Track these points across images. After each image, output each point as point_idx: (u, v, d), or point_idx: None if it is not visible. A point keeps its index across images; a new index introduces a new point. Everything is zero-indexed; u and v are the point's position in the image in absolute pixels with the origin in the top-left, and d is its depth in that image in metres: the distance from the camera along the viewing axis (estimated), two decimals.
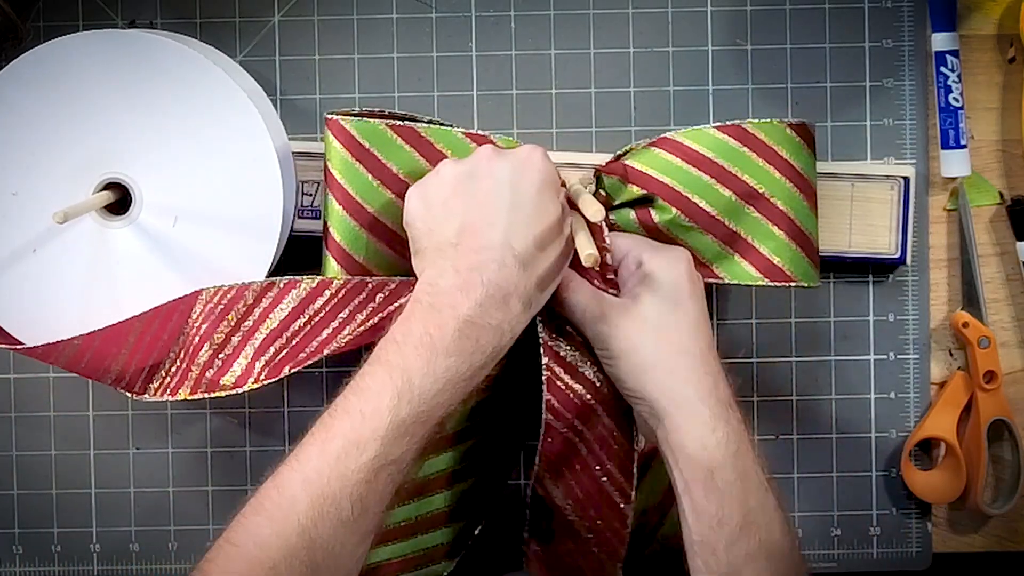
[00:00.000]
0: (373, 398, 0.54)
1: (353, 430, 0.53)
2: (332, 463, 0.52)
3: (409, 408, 0.53)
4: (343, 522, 0.52)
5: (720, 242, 0.65)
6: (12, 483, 0.74)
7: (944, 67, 0.72)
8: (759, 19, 0.73)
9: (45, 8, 0.72)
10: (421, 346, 0.55)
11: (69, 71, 0.64)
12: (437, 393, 0.54)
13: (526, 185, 0.59)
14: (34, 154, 0.64)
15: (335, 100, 0.72)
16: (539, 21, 0.73)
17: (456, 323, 0.55)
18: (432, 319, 0.55)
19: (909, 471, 0.73)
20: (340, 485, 0.52)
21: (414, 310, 0.57)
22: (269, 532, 0.51)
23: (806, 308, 0.73)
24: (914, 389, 0.74)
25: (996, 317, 0.74)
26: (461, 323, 0.55)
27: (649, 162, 0.65)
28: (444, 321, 0.55)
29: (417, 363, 0.54)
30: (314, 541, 0.51)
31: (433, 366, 0.54)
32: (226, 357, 0.64)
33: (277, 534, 0.51)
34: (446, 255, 0.58)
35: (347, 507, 0.52)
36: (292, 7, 0.73)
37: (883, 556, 0.74)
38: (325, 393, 0.74)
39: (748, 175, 0.64)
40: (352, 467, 0.52)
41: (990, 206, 0.74)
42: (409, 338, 0.55)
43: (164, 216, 0.64)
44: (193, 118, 0.64)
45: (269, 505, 0.52)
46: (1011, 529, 0.75)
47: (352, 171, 0.64)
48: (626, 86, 0.73)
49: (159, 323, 0.64)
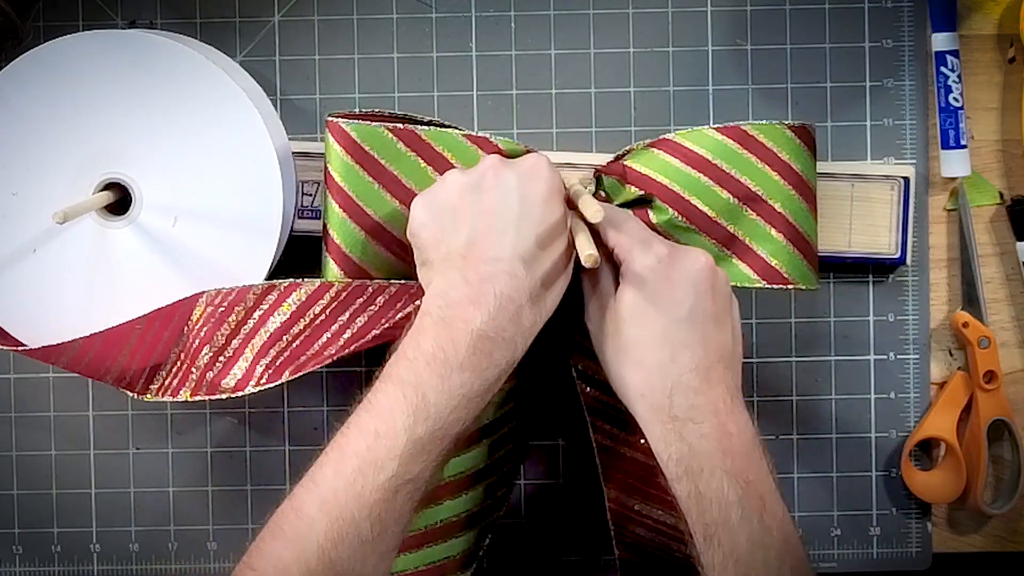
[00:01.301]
0: (387, 416, 0.53)
1: (369, 450, 0.53)
2: (349, 484, 0.52)
3: (425, 426, 0.53)
4: (363, 543, 0.51)
5: (718, 244, 0.65)
6: (12, 483, 0.74)
7: (944, 67, 0.72)
8: (759, 19, 0.73)
9: (45, 8, 0.72)
10: (434, 362, 0.54)
11: (69, 71, 0.64)
12: (453, 409, 0.54)
13: (533, 195, 0.58)
14: (34, 154, 0.64)
15: (335, 100, 0.72)
16: (539, 21, 0.73)
17: (470, 338, 0.55)
18: (444, 334, 0.55)
19: (909, 471, 0.73)
20: (358, 506, 0.52)
21: (424, 324, 0.56)
22: (289, 556, 0.51)
23: (806, 308, 0.73)
24: (914, 389, 0.74)
25: (996, 317, 0.74)
26: (475, 338, 0.55)
27: (648, 163, 0.65)
28: (457, 336, 0.55)
29: (431, 379, 0.54)
30: (334, 563, 0.51)
31: (448, 382, 0.54)
32: (227, 360, 0.64)
33: (297, 558, 0.51)
34: (455, 266, 0.57)
35: (366, 527, 0.52)
36: (292, 7, 0.73)
37: (883, 556, 0.74)
38: (325, 393, 0.74)
39: (747, 177, 0.64)
40: (369, 487, 0.52)
41: (990, 206, 0.74)
42: (421, 353, 0.55)
43: (164, 216, 0.64)
44: (193, 118, 0.64)
45: (288, 528, 0.52)
46: (1011, 529, 0.75)
47: (352, 174, 0.64)
48: (626, 86, 0.73)
49: (160, 324, 0.64)
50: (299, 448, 0.74)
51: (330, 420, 0.74)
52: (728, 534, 0.55)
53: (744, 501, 0.55)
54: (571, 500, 0.74)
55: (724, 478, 0.55)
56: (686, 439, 0.56)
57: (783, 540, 0.55)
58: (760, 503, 0.55)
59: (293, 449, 0.74)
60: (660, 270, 0.58)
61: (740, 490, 0.55)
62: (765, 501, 0.56)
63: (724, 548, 0.55)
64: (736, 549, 0.55)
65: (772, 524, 0.55)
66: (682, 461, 0.56)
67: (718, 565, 0.55)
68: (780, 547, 0.55)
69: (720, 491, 0.55)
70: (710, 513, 0.55)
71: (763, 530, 0.55)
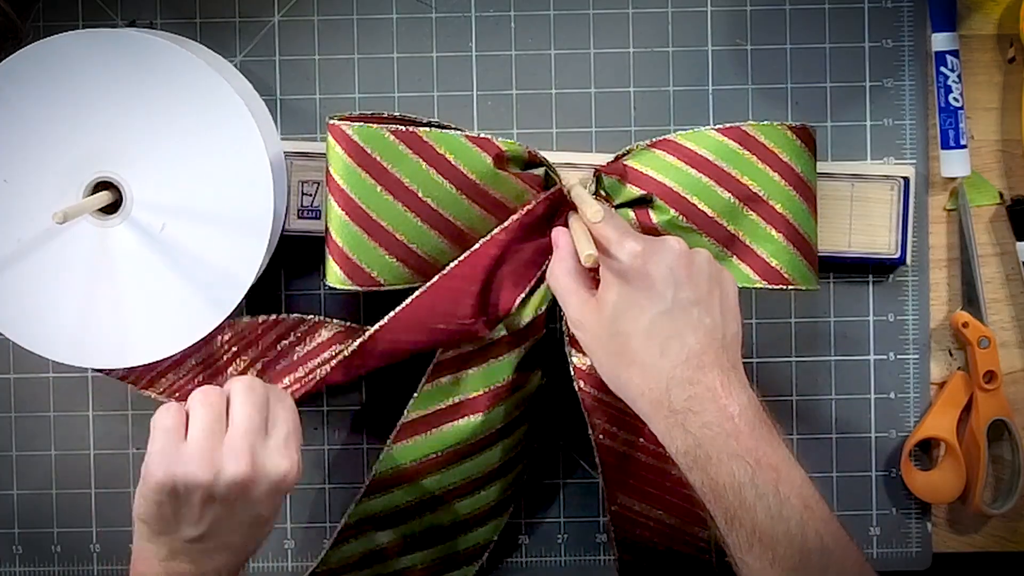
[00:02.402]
0: None
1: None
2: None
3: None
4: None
5: (718, 244, 0.65)
6: (12, 483, 0.74)
7: (944, 67, 0.72)
8: (759, 19, 0.73)
9: (45, 8, 0.72)
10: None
11: (63, 70, 0.64)
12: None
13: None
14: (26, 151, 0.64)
15: (335, 100, 0.72)
16: (539, 21, 0.73)
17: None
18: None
19: (909, 471, 0.73)
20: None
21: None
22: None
23: (806, 308, 0.73)
24: (914, 389, 0.74)
25: (996, 317, 0.74)
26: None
27: (649, 163, 0.65)
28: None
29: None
30: None
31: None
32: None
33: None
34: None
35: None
36: (292, 7, 0.73)
37: (883, 556, 0.74)
38: (324, 393, 0.74)
39: (747, 178, 0.64)
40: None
41: (990, 206, 0.74)
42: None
43: (155, 216, 0.64)
44: (185, 118, 0.64)
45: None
46: (1011, 529, 0.75)
47: (354, 176, 0.63)
48: (626, 86, 0.73)
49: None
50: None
51: (330, 420, 0.74)
52: (747, 513, 0.55)
53: (757, 479, 0.55)
54: (571, 500, 0.74)
55: (733, 462, 0.55)
56: (690, 430, 0.56)
57: (803, 506, 0.55)
58: (774, 476, 0.55)
59: None
60: (637, 266, 0.58)
61: (751, 469, 0.55)
62: (779, 472, 0.56)
63: (746, 528, 0.55)
64: (757, 527, 0.55)
65: (789, 493, 0.55)
66: (690, 452, 0.56)
67: (743, 545, 0.55)
68: (800, 514, 0.55)
69: (731, 475, 0.55)
70: (726, 498, 0.55)
71: (780, 502, 0.55)
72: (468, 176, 0.64)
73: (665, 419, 0.57)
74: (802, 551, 0.54)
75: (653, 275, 0.58)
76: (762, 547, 0.55)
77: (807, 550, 0.54)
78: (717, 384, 0.57)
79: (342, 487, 0.73)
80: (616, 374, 0.59)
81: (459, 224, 0.65)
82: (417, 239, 0.64)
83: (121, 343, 0.65)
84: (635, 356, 0.58)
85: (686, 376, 0.57)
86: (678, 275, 0.58)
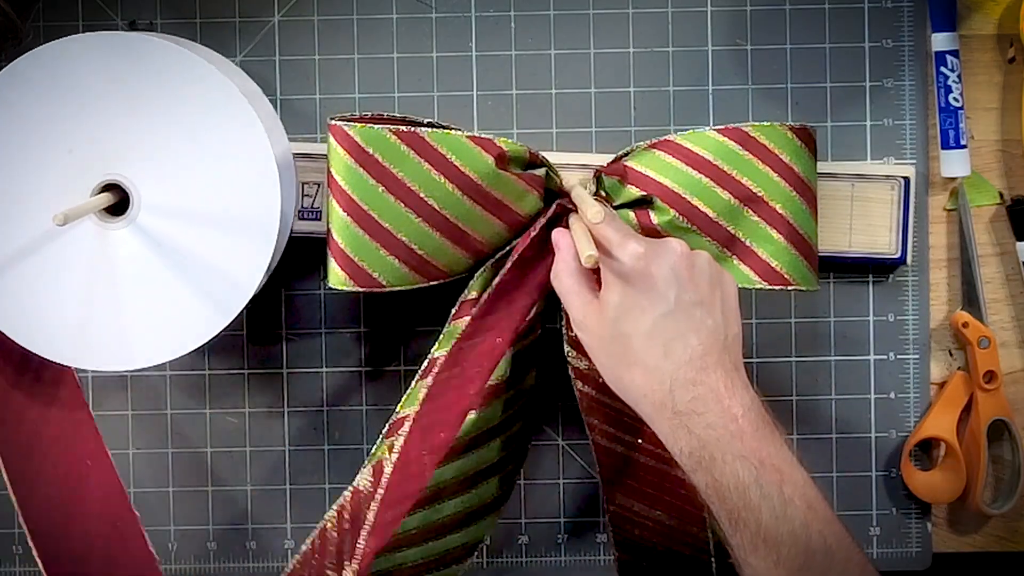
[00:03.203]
0: None
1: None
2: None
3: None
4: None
5: (718, 245, 0.65)
6: None
7: (944, 67, 0.72)
8: (759, 19, 0.73)
9: (45, 8, 0.72)
10: None
11: (68, 73, 0.64)
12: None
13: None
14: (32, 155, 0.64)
15: (335, 100, 0.72)
16: (539, 21, 0.73)
17: None
18: None
19: (909, 471, 0.73)
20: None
21: None
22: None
23: (806, 308, 0.74)
24: (914, 389, 0.74)
25: (996, 317, 0.74)
26: None
27: (649, 164, 0.65)
28: None
29: None
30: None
31: None
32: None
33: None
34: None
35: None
36: (292, 7, 0.73)
37: (883, 556, 0.74)
38: (325, 394, 0.74)
39: (748, 178, 0.64)
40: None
41: (990, 206, 0.74)
42: None
43: (162, 218, 0.64)
44: (192, 120, 0.64)
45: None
46: (1011, 529, 0.75)
47: (355, 177, 0.63)
48: (626, 86, 0.73)
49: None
50: (299, 448, 0.74)
51: (330, 420, 0.74)
52: (751, 514, 0.55)
53: (761, 479, 0.55)
54: (571, 500, 0.74)
55: (738, 463, 0.55)
56: (694, 431, 0.56)
57: (806, 507, 0.55)
58: (778, 477, 0.55)
59: (293, 449, 0.74)
60: (639, 268, 0.59)
61: (755, 470, 0.55)
62: (783, 474, 0.56)
63: (751, 529, 0.55)
64: (762, 528, 0.55)
65: (793, 494, 0.55)
66: (694, 454, 0.56)
67: (748, 546, 0.55)
68: (804, 514, 0.55)
69: (736, 476, 0.55)
70: (730, 499, 0.56)
71: (784, 503, 0.55)
72: (470, 176, 0.64)
73: (669, 421, 0.57)
74: (806, 551, 0.54)
75: (655, 276, 0.58)
76: (767, 548, 0.55)
77: (811, 551, 0.54)
78: (720, 385, 0.57)
79: (342, 487, 0.73)
80: (618, 375, 0.59)
81: (460, 224, 0.65)
82: (418, 240, 0.64)
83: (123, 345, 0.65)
84: (637, 357, 0.58)
85: (689, 377, 0.57)
86: (680, 276, 0.59)
